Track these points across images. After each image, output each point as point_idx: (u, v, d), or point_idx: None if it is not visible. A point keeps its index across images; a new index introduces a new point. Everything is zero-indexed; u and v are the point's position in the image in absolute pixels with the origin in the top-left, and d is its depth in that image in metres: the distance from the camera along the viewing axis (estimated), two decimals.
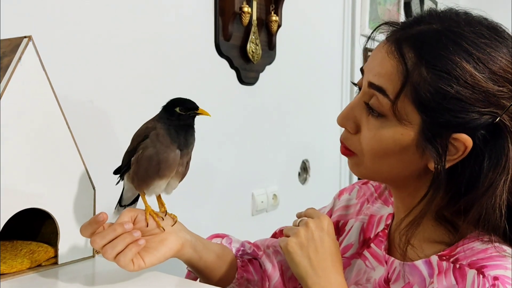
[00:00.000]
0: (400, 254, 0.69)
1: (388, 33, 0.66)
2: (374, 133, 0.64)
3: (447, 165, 0.60)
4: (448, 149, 0.60)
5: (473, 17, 0.63)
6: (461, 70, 0.58)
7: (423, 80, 0.59)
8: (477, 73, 0.58)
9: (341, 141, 0.70)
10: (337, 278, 0.67)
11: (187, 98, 0.72)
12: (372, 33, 0.70)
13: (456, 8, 0.64)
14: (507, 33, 0.62)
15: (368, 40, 0.72)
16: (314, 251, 0.67)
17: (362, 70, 0.68)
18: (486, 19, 0.63)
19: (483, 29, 0.60)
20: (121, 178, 0.76)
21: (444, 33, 0.60)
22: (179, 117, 0.70)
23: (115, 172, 0.77)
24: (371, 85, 0.64)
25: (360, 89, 0.68)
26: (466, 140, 0.59)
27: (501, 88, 0.58)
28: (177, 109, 0.70)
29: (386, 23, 0.67)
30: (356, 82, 0.70)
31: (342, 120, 0.68)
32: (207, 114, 0.71)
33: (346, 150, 0.69)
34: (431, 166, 0.61)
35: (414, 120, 0.61)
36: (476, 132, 0.59)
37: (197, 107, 0.71)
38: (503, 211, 0.59)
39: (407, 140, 0.62)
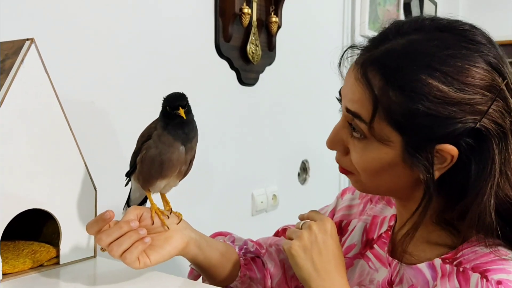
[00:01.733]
0: (403, 256, 0.69)
1: (357, 55, 0.66)
2: (360, 154, 0.65)
3: (437, 175, 0.61)
4: (435, 160, 0.60)
5: (440, 25, 0.62)
6: (428, 87, 0.57)
7: (393, 102, 0.59)
8: (445, 87, 0.57)
9: (337, 162, 0.71)
10: (341, 281, 0.67)
11: (177, 92, 0.71)
12: (340, 58, 0.70)
13: (423, 17, 0.64)
14: (481, 34, 0.61)
15: (339, 65, 0.71)
16: (318, 254, 0.68)
17: (339, 92, 0.68)
18: (457, 21, 0.62)
19: (449, 39, 0.60)
20: (129, 179, 0.77)
21: (406, 53, 0.60)
22: (169, 116, 0.70)
23: (126, 175, 0.78)
24: (347, 110, 0.65)
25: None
26: (450, 149, 0.59)
27: (473, 96, 0.57)
28: (167, 108, 0.70)
29: (351, 47, 0.68)
30: (339, 94, 0.69)
31: (331, 144, 0.70)
32: (183, 115, 0.69)
33: (343, 170, 0.70)
34: (422, 177, 0.61)
35: (395, 138, 0.61)
36: (459, 140, 0.59)
37: (177, 107, 0.69)
38: (493, 214, 0.59)
39: (392, 158, 0.62)
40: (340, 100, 0.70)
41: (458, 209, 0.61)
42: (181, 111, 0.69)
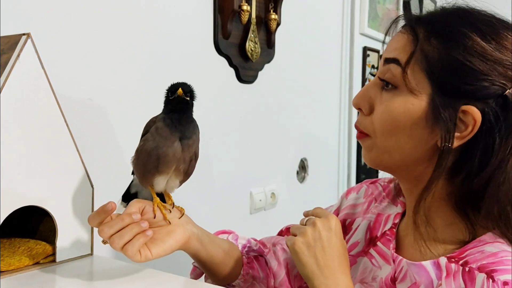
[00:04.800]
0: (411, 250, 0.69)
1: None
2: (385, 105, 0.65)
3: (456, 144, 0.61)
4: (457, 126, 0.61)
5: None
6: (469, 40, 0.60)
7: (433, 47, 0.62)
8: (484, 43, 0.60)
9: (356, 126, 0.71)
10: (344, 279, 0.66)
11: (180, 81, 0.72)
12: (390, 26, 0.72)
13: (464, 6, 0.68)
14: (510, 23, 0.65)
15: (386, 35, 0.73)
16: (321, 251, 0.67)
17: (381, 56, 0.71)
18: (491, 12, 0.66)
19: (489, 14, 0.64)
20: (133, 174, 0.76)
21: (452, 12, 0.64)
22: (170, 102, 0.70)
23: (132, 173, 0.77)
24: (386, 60, 0.66)
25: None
26: (475, 112, 0.60)
27: (508, 59, 0.60)
28: (169, 94, 0.70)
29: (400, 16, 0.71)
30: (375, 74, 0.72)
31: (357, 100, 0.70)
32: (180, 93, 0.69)
33: (360, 133, 0.70)
34: (440, 143, 0.61)
35: (425, 89, 0.62)
36: (485, 105, 0.60)
37: (177, 88, 0.69)
38: None
39: (417, 111, 0.63)
40: (374, 76, 0.71)
41: (479, 180, 0.61)
42: (180, 91, 0.69)
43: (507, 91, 0.59)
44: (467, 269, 0.60)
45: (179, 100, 0.69)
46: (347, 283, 0.66)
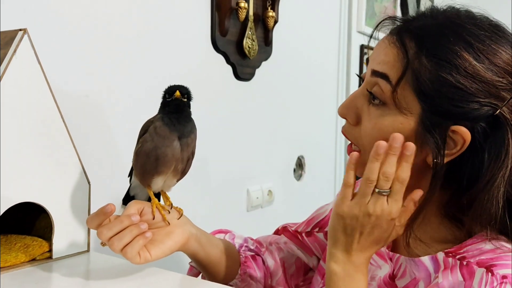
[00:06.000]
0: (407, 251, 0.68)
1: (391, 27, 0.67)
2: (374, 122, 0.64)
3: (446, 160, 0.60)
4: (447, 143, 0.60)
5: (474, 13, 0.63)
6: (461, 60, 0.58)
7: (424, 67, 0.60)
8: (477, 63, 0.58)
9: (343, 134, 0.70)
10: (361, 278, 0.63)
11: (179, 84, 0.72)
12: (376, 27, 0.70)
13: (457, 6, 0.65)
14: (508, 31, 0.63)
15: (372, 35, 0.72)
16: (359, 236, 0.62)
17: (367, 59, 0.69)
18: (487, 17, 0.63)
19: (484, 24, 0.61)
20: (130, 176, 0.76)
21: (444, 24, 0.61)
22: (168, 104, 0.70)
23: (129, 175, 0.77)
24: (374, 72, 0.64)
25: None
26: (464, 133, 0.59)
27: (501, 79, 0.58)
28: (166, 96, 0.70)
29: (389, 18, 0.68)
30: (361, 75, 0.70)
31: (343, 110, 0.68)
32: (178, 96, 0.69)
33: (350, 148, 0.69)
34: (429, 160, 0.61)
35: (414, 109, 0.61)
36: (475, 125, 0.59)
37: (175, 91, 0.69)
38: (500, 204, 0.59)
39: (406, 130, 0.61)
40: (360, 77, 0.70)
41: (466, 198, 0.61)
42: (178, 93, 0.69)
43: (497, 111, 0.58)
44: (464, 263, 0.60)
45: (177, 102, 0.69)
46: (363, 281, 0.63)
